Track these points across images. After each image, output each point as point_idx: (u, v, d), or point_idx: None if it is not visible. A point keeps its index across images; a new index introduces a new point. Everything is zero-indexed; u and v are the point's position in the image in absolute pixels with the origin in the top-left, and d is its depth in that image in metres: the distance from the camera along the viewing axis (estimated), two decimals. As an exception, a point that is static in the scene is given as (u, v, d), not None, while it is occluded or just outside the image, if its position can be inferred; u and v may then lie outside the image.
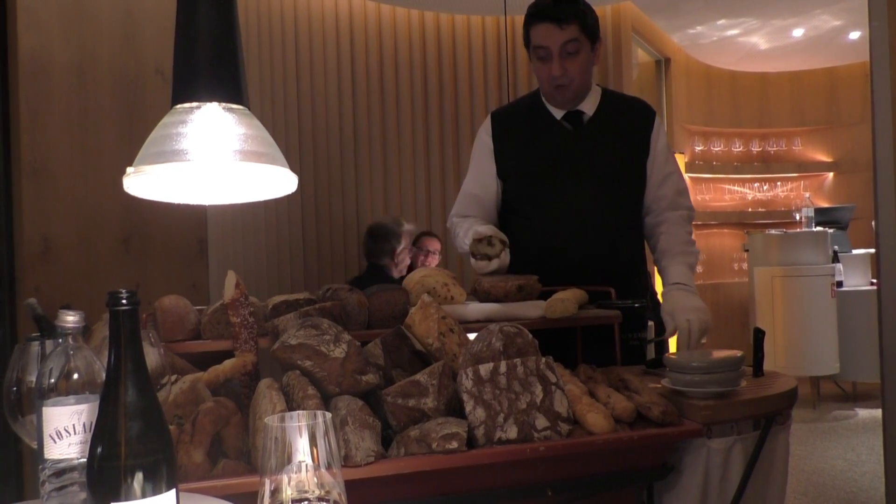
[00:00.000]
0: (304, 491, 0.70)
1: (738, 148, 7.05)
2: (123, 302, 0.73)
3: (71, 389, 0.88)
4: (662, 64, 6.10)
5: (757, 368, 1.64)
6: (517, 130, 2.12)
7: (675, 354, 1.54)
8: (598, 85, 2.12)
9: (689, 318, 1.75)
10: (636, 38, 5.33)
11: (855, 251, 5.72)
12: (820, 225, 5.76)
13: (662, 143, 2.09)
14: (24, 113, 2.36)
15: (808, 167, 6.99)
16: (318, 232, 4.36)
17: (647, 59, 6.09)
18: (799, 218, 5.94)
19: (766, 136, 7.09)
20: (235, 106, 1.02)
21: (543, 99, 2.11)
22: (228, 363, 1.35)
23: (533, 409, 1.22)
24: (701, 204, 6.66)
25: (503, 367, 1.23)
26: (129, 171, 0.98)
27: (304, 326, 1.28)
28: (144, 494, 0.71)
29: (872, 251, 4.29)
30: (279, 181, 1.07)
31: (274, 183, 1.09)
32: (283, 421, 0.71)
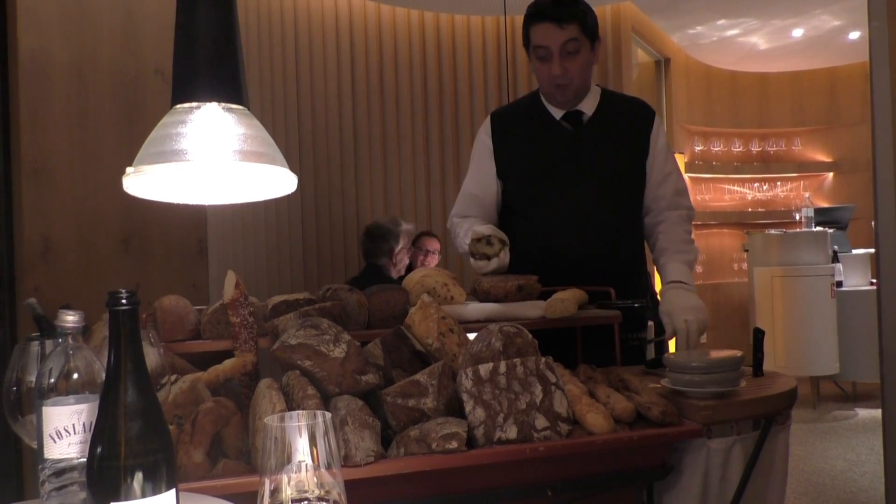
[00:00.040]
0: (303, 491, 0.70)
1: (737, 148, 7.05)
2: (123, 302, 0.73)
3: (71, 389, 0.88)
4: (662, 64, 6.10)
5: (757, 368, 1.64)
6: (517, 131, 2.12)
7: (674, 354, 1.53)
8: (597, 85, 2.13)
9: (686, 318, 1.75)
10: (636, 38, 5.33)
11: (855, 251, 5.72)
12: (820, 225, 5.76)
13: (662, 142, 2.09)
14: (24, 113, 2.36)
15: (807, 167, 6.99)
16: (318, 232, 4.35)
17: (647, 59, 6.09)
18: (799, 218, 5.94)
19: (765, 136, 7.09)
20: (235, 106, 1.02)
21: (543, 99, 2.11)
22: (228, 363, 1.35)
23: (533, 409, 1.22)
24: (701, 204, 6.66)
25: (503, 367, 1.23)
26: (128, 171, 0.98)
27: (303, 326, 1.28)
28: (144, 494, 0.71)
29: (872, 251, 4.29)
30: (279, 181, 1.07)
31: (274, 183, 1.09)
32: (282, 421, 0.71)
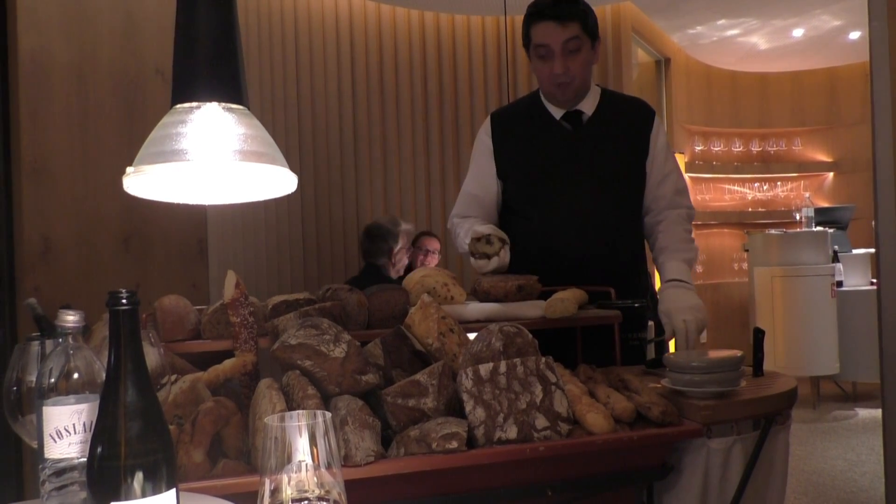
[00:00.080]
0: (303, 491, 0.70)
1: (738, 148, 7.05)
2: (123, 302, 0.73)
3: (71, 389, 0.88)
4: (662, 64, 6.10)
5: (757, 368, 1.64)
6: (517, 131, 2.12)
7: (674, 354, 1.53)
8: (597, 85, 2.13)
9: (685, 318, 1.75)
10: (636, 38, 5.33)
11: (855, 251, 5.72)
12: (820, 225, 5.76)
13: (662, 142, 2.09)
14: (24, 113, 2.36)
15: (808, 167, 6.99)
16: (318, 232, 4.35)
17: (647, 59, 6.09)
18: (799, 218, 5.94)
19: (766, 136, 7.09)
20: (235, 106, 1.02)
21: (543, 99, 2.11)
22: (228, 363, 1.35)
23: (533, 409, 1.22)
24: (701, 204, 6.66)
25: (503, 367, 1.23)
26: (128, 170, 0.98)
27: (304, 326, 1.28)
28: (144, 494, 0.71)
29: (872, 251, 4.29)
30: (279, 181, 1.07)
31: (274, 183, 1.09)
32: (282, 421, 0.71)
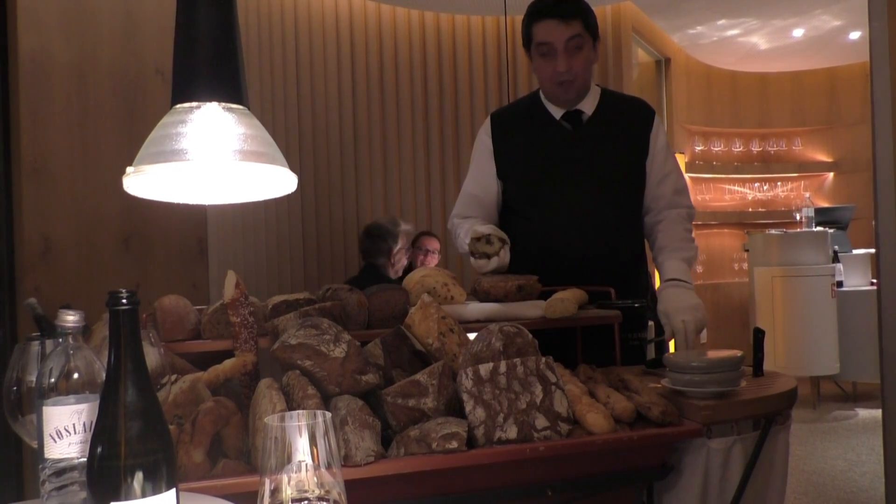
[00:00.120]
0: (303, 490, 0.70)
1: (738, 148, 7.05)
2: (123, 302, 0.73)
3: (71, 389, 0.88)
4: (662, 64, 6.10)
5: (757, 368, 1.64)
6: (516, 131, 2.12)
7: (674, 354, 1.53)
8: (597, 85, 2.13)
9: (684, 318, 1.75)
10: (636, 38, 5.33)
11: (855, 251, 5.71)
12: (820, 225, 5.76)
13: (661, 142, 2.09)
14: (24, 113, 2.36)
15: (808, 167, 6.99)
16: (318, 232, 4.35)
17: (647, 59, 6.09)
18: (799, 218, 5.94)
19: (766, 136, 7.09)
20: (235, 106, 1.02)
21: (542, 99, 2.11)
22: (228, 363, 1.35)
23: (533, 409, 1.22)
24: (701, 204, 6.66)
25: (503, 367, 1.23)
26: (128, 170, 0.98)
27: (304, 326, 1.28)
28: (144, 494, 0.71)
29: (872, 251, 4.29)
30: (279, 181, 1.07)
31: (274, 183, 1.09)
32: (282, 421, 0.71)
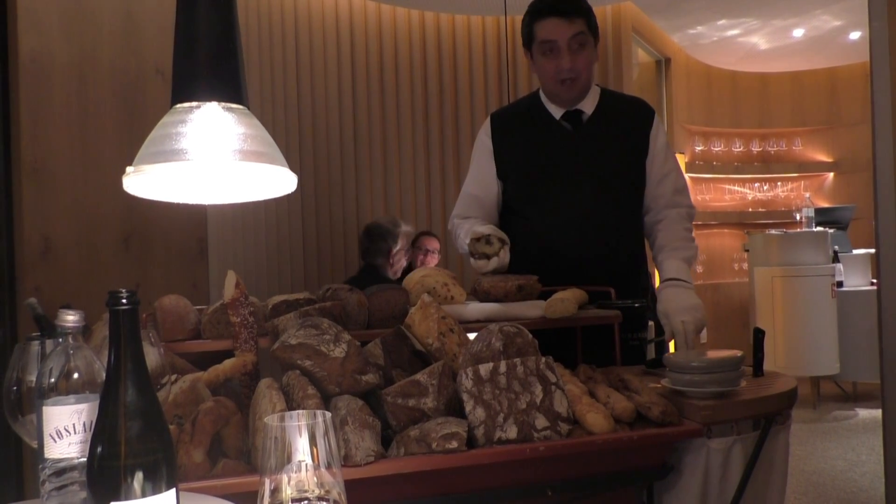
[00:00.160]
0: (303, 490, 0.70)
1: (738, 148, 7.05)
2: (123, 301, 0.73)
3: (71, 389, 0.88)
4: (663, 64, 6.10)
5: (757, 368, 1.64)
6: (516, 131, 2.12)
7: (674, 354, 1.53)
8: (596, 85, 2.13)
9: (683, 319, 1.75)
10: (636, 38, 5.33)
11: (855, 251, 5.71)
12: (820, 225, 5.76)
13: (661, 141, 2.09)
14: (24, 113, 2.36)
15: (808, 167, 6.99)
16: (318, 232, 4.35)
17: (647, 59, 6.09)
18: (799, 218, 5.93)
19: (766, 136, 7.09)
20: (235, 105, 1.02)
21: (542, 99, 2.11)
22: (228, 363, 1.35)
23: (533, 408, 1.22)
24: (701, 204, 6.66)
25: (503, 367, 1.23)
26: (128, 170, 0.98)
27: (304, 326, 1.28)
28: (144, 494, 0.71)
29: (872, 251, 4.29)
30: (279, 181, 1.07)
31: (273, 182, 1.09)
32: (282, 420, 0.71)
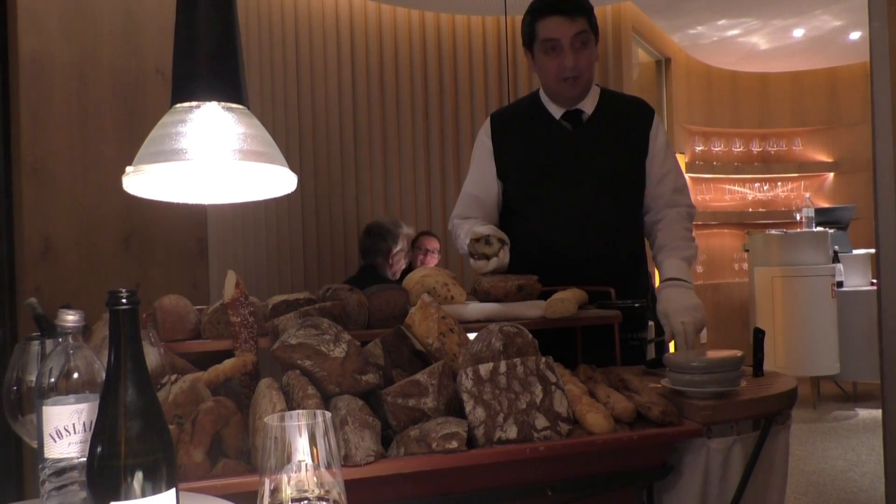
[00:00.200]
0: (303, 490, 0.70)
1: (738, 148, 7.05)
2: (123, 301, 0.73)
3: (71, 389, 0.88)
4: (663, 64, 6.10)
5: (757, 368, 1.64)
6: (516, 131, 2.12)
7: (674, 354, 1.53)
8: (596, 85, 2.13)
9: (683, 320, 1.75)
10: (636, 38, 5.33)
11: (855, 251, 5.71)
12: (820, 225, 5.75)
13: (661, 141, 2.09)
14: (24, 113, 2.36)
15: (808, 167, 6.99)
16: (318, 232, 4.36)
17: (647, 59, 6.09)
18: (799, 218, 5.93)
19: (766, 136, 7.09)
20: (235, 105, 1.02)
21: (542, 99, 2.11)
22: (228, 363, 1.35)
23: (533, 408, 1.22)
24: (701, 204, 6.66)
25: (503, 366, 1.23)
26: (128, 170, 0.98)
27: (304, 326, 1.28)
28: (144, 494, 0.71)
29: (872, 251, 4.29)
30: (279, 180, 1.07)
31: (273, 182, 1.09)
32: (282, 420, 0.71)
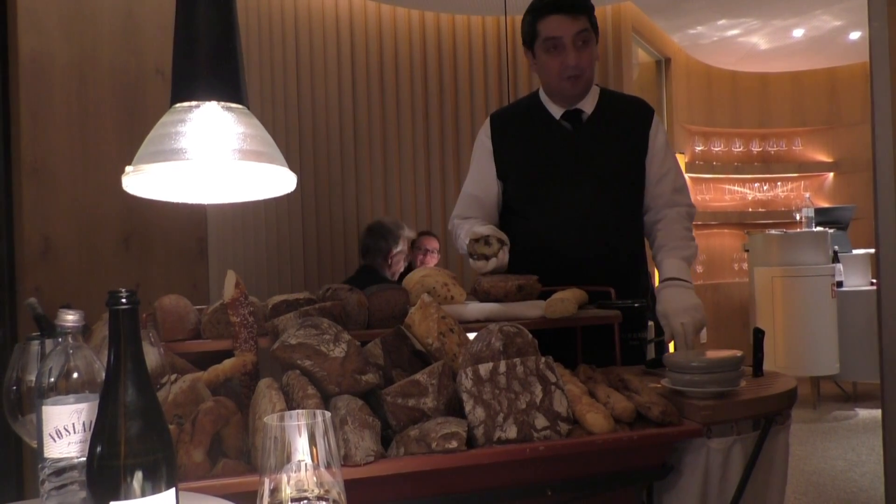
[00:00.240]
0: (303, 490, 0.70)
1: (738, 148, 7.05)
2: (123, 301, 0.73)
3: (71, 388, 0.88)
4: (663, 64, 6.10)
5: (757, 368, 1.64)
6: (516, 131, 2.12)
7: (674, 354, 1.53)
8: (596, 84, 2.13)
9: (682, 321, 1.75)
10: (636, 38, 5.33)
11: (855, 251, 5.71)
12: (820, 225, 5.76)
13: (661, 140, 2.09)
14: (24, 113, 2.36)
15: (808, 167, 6.99)
16: (318, 232, 4.36)
17: (647, 59, 6.09)
18: (799, 218, 5.93)
19: (766, 136, 7.09)
20: (234, 105, 1.02)
21: (542, 99, 2.11)
22: (228, 363, 1.35)
23: (532, 408, 1.22)
24: (701, 204, 6.66)
25: (503, 366, 1.23)
26: (127, 170, 0.98)
27: (303, 326, 1.28)
28: (144, 493, 0.71)
29: (872, 251, 4.29)
30: (278, 180, 1.07)
31: (273, 182, 1.09)
32: (282, 420, 0.71)
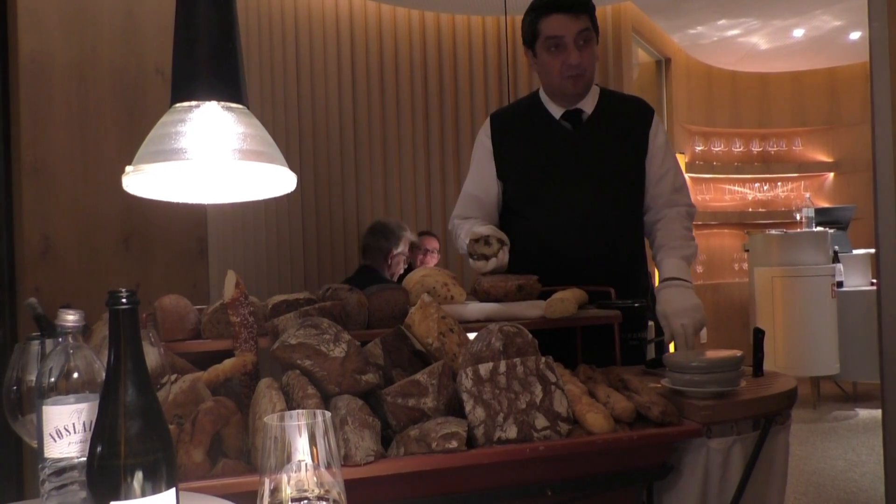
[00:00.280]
0: (303, 490, 0.70)
1: (738, 148, 7.05)
2: (123, 301, 0.73)
3: (71, 388, 0.88)
4: (663, 64, 6.10)
5: (757, 368, 1.64)
6: (516, 131, 2.12)
7: (674, 354, 1.53)
8: (595, 84, 2.13)
9: (682, 322, 1.75)
10: (636, 38, 5.33)
11: (855, 251, 5.71)
12: (820, 225, 5.76)
13: (661, 140, 2.09)
14: (24, 113, 2.36)
15: (808, 167, 6.99)
16: (318, 232, 4.36)
17: (647, 59, 6.09)
18: (799, 218, 5.93)
19: (766, 136, 7.09)
20: (234, 105, 1.02)
21: (542, 99, 2.11)
22: (228, 363, 1.35)
23: (532, 408, 1.22)
24: (701, 204, 6.66)
25: (503, 366, 1.23)
26: (127, 169, 0.98)
27: (303, 326, 1.28)
28: (144, 493, 0.71)
29: (872, 251, 4.29)
30: (278, 180, 1.07)
31: (273, 182, 1.09)
32: (282, 420, 0.71)
